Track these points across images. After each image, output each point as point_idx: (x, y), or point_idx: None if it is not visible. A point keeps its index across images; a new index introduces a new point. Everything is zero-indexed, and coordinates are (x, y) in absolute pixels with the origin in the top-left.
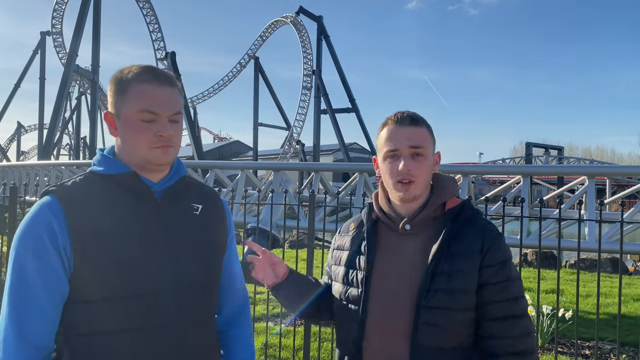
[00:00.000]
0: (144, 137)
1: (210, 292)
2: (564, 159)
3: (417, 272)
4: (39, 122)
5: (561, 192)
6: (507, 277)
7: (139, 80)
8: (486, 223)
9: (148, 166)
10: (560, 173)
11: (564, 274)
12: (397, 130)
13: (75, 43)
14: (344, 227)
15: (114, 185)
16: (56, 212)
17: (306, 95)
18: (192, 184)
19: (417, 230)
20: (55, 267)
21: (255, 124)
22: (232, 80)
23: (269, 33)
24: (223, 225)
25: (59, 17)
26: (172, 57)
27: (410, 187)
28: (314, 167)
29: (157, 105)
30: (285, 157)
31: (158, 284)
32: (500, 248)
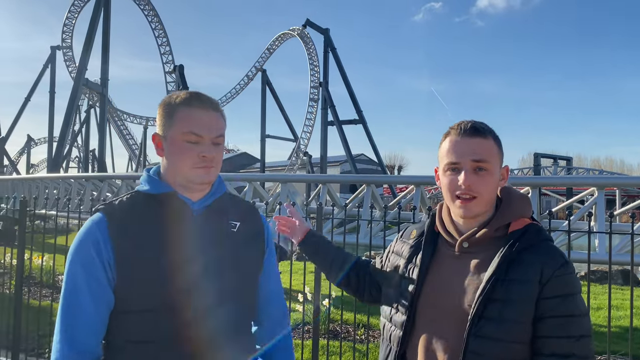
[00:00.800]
0: (187, 157)
1: (244, 308)
2: (572, 169)
3: (469, 296)
4: (48, 135)
5: (570, 204)
6: (570, 312)
7: (185, 105)
8: (550, 250)
9: (190, 185)
10: (569, 184)
11: None
12: (460, 142)
13: (85, 57)
14: (406, 231)
15: (156, 203)
16: (102, 228)
17: (313, 107)
18: (232, 201)
19: (476, 250)
20: (100, 279)
21: (263, 136)
22: (240, 92)
23: (276, 46)
24: (261, 242)
25: (69, 32)
26: (180, 70)
27: (470, 203)
28: (322, 179)
29: (201, 128)
30: (293, 168)
31: (193, 299)
32: (564, 279)
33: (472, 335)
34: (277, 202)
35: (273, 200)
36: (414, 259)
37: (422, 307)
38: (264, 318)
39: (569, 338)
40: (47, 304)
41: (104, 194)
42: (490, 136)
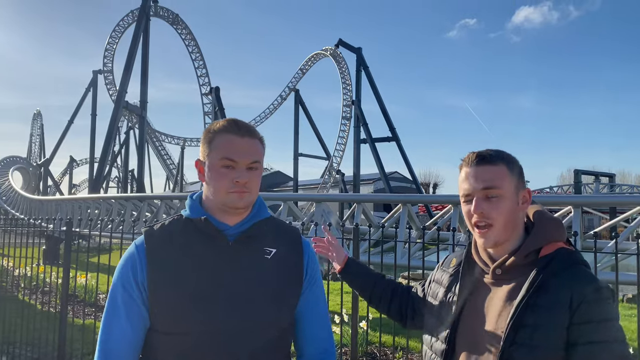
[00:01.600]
0: (222, 182)
1: (275, 337)
2: (615, 186)
3: (502, 321)
4: (90, 156)
5: (615, 224)
6: (604, 338)
7: (222, 132)
8: (580, 275)
9: (225, 209)
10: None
11: (621, 309)
12: (470, 172)
13: (125, 80)
14: (446, 260)
15: (193, 228)
16: (140, 250)
17: (346, 125)
18: (273, 227)
19: (509, 276)
20: (135, 299)
21: (296, 154)
22: (273, 112)
23: (309, 66)
24: (299, 269)
25: (110, 56)
26: (216, 92)
27: (488, 232)
28: (356, 199)
29: (235, 153)
30: (325, 187)
31: (218, 326)
32: (596, 304)
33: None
34: (312, 222)
35: (308, 219)
36: (454, 287)
37: (461, 335)
38: (307, 343)
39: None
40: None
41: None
42: (501, 162)
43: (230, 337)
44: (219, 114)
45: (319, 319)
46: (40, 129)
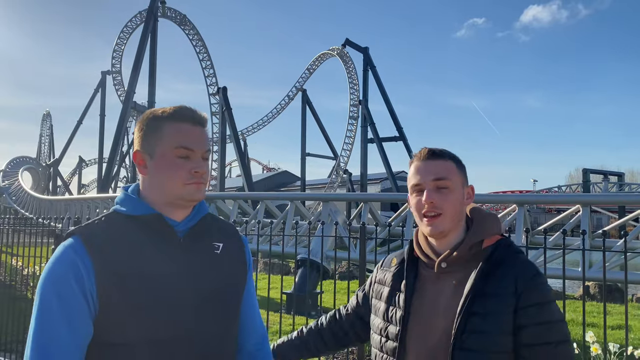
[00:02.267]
0: (178, 173)
1: (232, 333)
2: (624, 185)
3: (452, 312)
4: (98, 156)
5: (624, 223)
6: (548, 319)
7: (174, 119)
8: (521, 262)
9: (179, 202)
10: (623, 203)
11: (631, 308)
12: (421, 165)
13: (133, 81)
14: (386, 261)
15: (138, 226)
16: (81, 254)
17: (353, 125)
18: (214, 222)
19: (454, 269)
20: (80, 310)
21: (303, 154)
22: (281, 112)
23: (316, 66)
24: (243, 262)
25: (118, 57)
26: (223, 92)
27: (435, 220)
28: (363, 198)
29: (192, 142)
30: (333, 186)
31: (181, 327)
32: (538, 288)
33: (456, 349)
34: (319, 221)
35: (315, 219)
36: (399, 285)
37: (411, 331)
38: (246, 336)
39: (549, 344)
40: None
41: None
42: (449, 158)
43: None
44: (227, 114)
45: (255, 309)
46: (50, 130)
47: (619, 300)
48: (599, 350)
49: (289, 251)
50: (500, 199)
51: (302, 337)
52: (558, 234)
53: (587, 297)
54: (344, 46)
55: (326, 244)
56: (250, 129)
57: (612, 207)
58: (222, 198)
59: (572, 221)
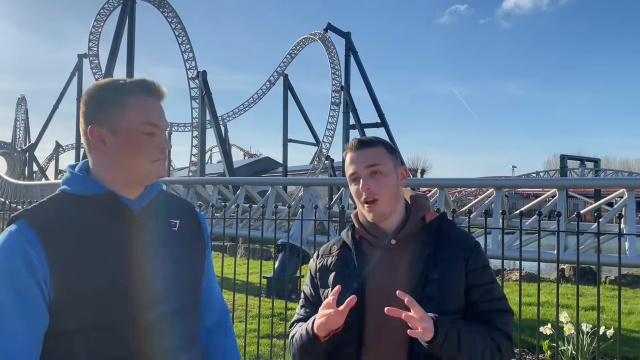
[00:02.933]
0: (145, 150)
1: (195, 310)
2: (600, 171)
3: (408, 282)
4: (76, 141)
5: (599, 206)
6: (490, 279)
7: (137, 93)
8: (465, 233)
9: (141, 180)
10: (598, 186)
11: (604, 290)
12: (354, 155)
13: (111, 65)
14: (323, 249)
15: (90, 206)
16: (31, 240)
17: (335, 111)
18: (168, 199)
19: (403, 245)
20: (35, 299)
21: (285, 140)
22: (262, 97)
23: (298, 50)
24: (201, 237)
25: (95, 40)
26: (203, 76)
27: (375, 205)
28: (344, 182)
29: (158, 117)
30: (315, 172)
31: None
32: (480, 254)
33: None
34: (299, 206)
35: (295, 203)
36: (345, 268)
37: (368, 309)
38: (207, 311)
39: (493, 300)
40: None
41: None
42: (380, 144)
43: (153, 320)
44: (206, 98)
45: (212, 284)
46: (25, 114)
47: (593, 283)
48: (572, 330)
49: (268, 236)
50: (479, 183)
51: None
52: (534, 217)
53: (563, 279)
54: (326, 31)
55: (306, 228)
56: (230, 114)
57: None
58: (202, 183)
59: (549, 205)
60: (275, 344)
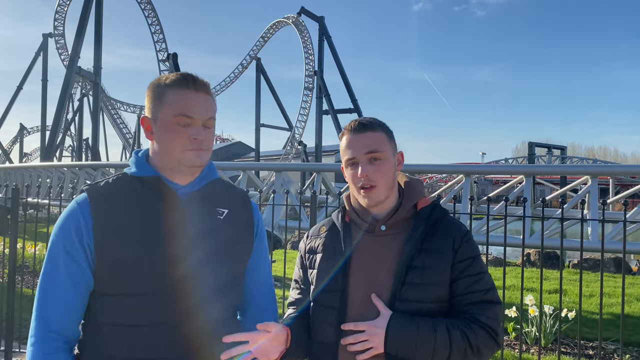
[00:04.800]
0: (178, 139)
1: (226, 297)
2: (567, 158)
3: (392, 268)
4: (41, 124)
5: (564, 192)
6: (479, 270)
7: (176, 87)
8: (456, 222)
9: (181, 168)
10: (563, 173)
11: (567, 274)
12: (353, 138)
13: (77, 45)
14: (313, 230)
15: (142, 187)
16: (84, 210)
17: (308, 96)
18: (224, 189)
19: (392, 231)
20: (80, 262)
21: (257, 125)
22: (234, 81)
23: (271, 34)
24: (250, 229)
25: (61, 19)
26: (174, 59)
27: (371, 192)
28: (316, 168)
29: (192, 110)
30: (287, 157)
31: (170, 286)
32: (470, 245)
33: (397, 300)
34: (271, 191)
35: (267, 189)
36: (333, 251)
37: (352, 292)
38: (250, 306)
39: (480, 292)
40: None
41: None
42: (379, 128)
43: (182, 297)
44: None
45: (263, 278)
46: None
47: (557, 267)
48: (536, 312)
49: None
50: (449, 169)
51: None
52: (502, 203)
53: (528, 264)
54: (300, 15)
55: (277, 213)
56: None
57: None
58: None
59: (516, 191)
60: None
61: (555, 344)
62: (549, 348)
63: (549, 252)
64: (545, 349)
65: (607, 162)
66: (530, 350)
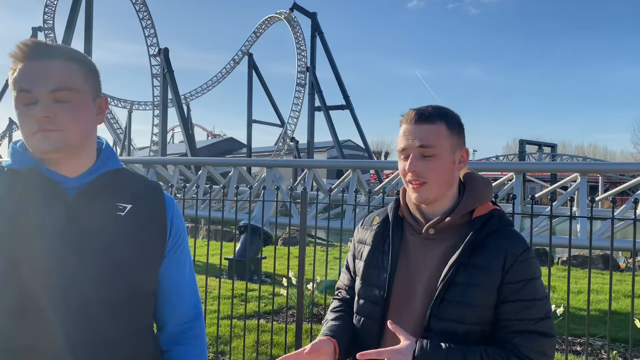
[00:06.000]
0: (24, 122)
1: (129, 309)
2: (557, 156)
3: (434, 279)
4: None
5: (554, 189)
6: (532, 296)
7: (14, 59)
8: (513, 236)
9: (43, 156)
10: (552, 170)
11: (555, 270)
12: (408, 129)
13: (67, 39)
14: (367, 219)
15: (20, 181)
16: None
17: (300, 92)
18: (127, 180)
19: (442, 236)
20: None
21: (249, 121)
22: (226, 76)
23: (263, 29)
24: (161, 228)
25: (50, 13)
26: (165, 54)
27: (421, 189)
28: (307, 164)
29: (29, 81)
30: (279, 154)
31: (57, 298)
32: (526, 265)
33: (433, 316)
34: (262, 187)
35: (258, 185)
36: (381, 245)
37: (395, 294)
38: (169, 314)
39: (530, 320)
40: None
41: None
42: (440, 120)
43: (60, 315)
44: (168, 76)
45: (183, 287)
46: None
47: (545, 264)
48: None
49: (230, 217)
50: None
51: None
52: None
53: None
54: (292, 10)
55: (268, 209)
56: (193, 93)
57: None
58: (163, 163)
59: (506, 188)
60: (235, 324)
61: None
62: None
63: (538, 249)
64: None
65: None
66: None
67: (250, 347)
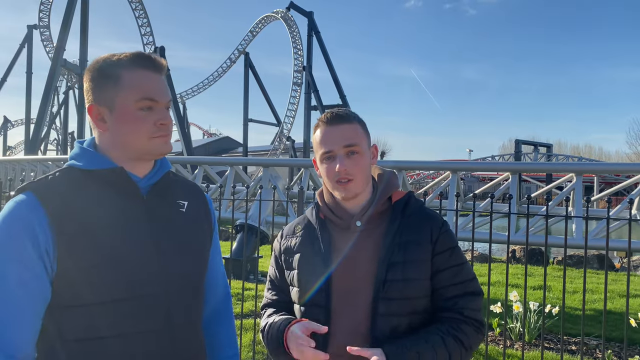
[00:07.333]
0: (143, 126)
1: (199, 291)
2: (552, 156)
3: (372, 265)
4: (25, 116)
5: (549, 189)
6: (460, 261)
7: (134, 67)
8: (432, 213)
9: (145, 157)
10: (548, 170)
11: (551, 270)
12: (329, 131)
13: (63, 37)
14: (287, 229)
15: (97, 181)
16: (36, 210)
17: (296, 92)
18: (177, 180)
19: (369, 226)
20: (38, 273)
21: (245, 120)
22: (222, 75)
23: (259, 28)
24: (208, 221)
25: (46, 11)
26: (161, 52)
27: (349, 185)
28: (304, 163)
29: (156, 92)
30: (276, 153)
31: (148, 285)
32: (448, 235)
33: (380, 299)
34: (258, 187)
35: (255, 184)
36: (312, 248)
37: (336, 293)
38: (210, 295)
39: (462, 283)
40: None
41: None
42: (355, 120)
43: (154, 298)
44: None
45: (219, 267)
46: None
47: (542, 263)
48: (521, 308)
49: (226, 216)
50: (436, 166)
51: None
52: (487, 200)
53: (514, 260)
54: (289, 9)
55: (265, 209)
56: (190, 92)
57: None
58: None
59: (502, 188)
60: None
61: (539, 340)
62: (532, 344)
63: (534, 249)
64: (529, 344)
65: (592, 160)
66: (514, 345)
67: (246, 347)
